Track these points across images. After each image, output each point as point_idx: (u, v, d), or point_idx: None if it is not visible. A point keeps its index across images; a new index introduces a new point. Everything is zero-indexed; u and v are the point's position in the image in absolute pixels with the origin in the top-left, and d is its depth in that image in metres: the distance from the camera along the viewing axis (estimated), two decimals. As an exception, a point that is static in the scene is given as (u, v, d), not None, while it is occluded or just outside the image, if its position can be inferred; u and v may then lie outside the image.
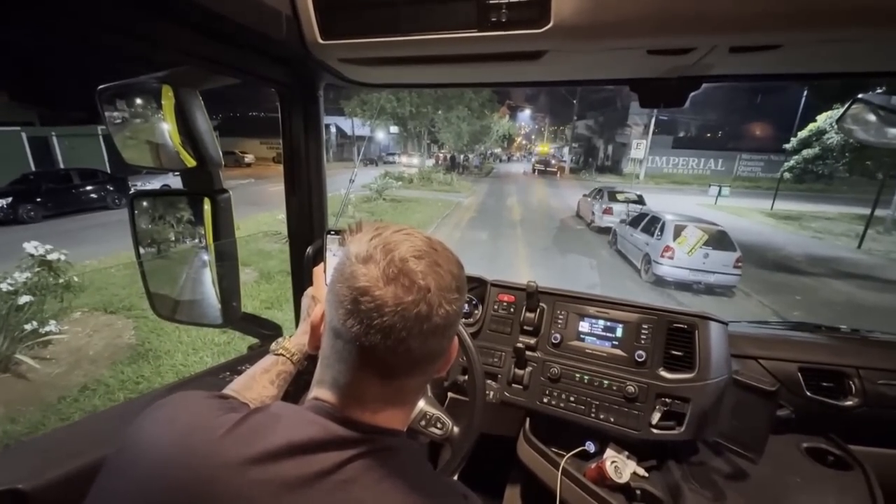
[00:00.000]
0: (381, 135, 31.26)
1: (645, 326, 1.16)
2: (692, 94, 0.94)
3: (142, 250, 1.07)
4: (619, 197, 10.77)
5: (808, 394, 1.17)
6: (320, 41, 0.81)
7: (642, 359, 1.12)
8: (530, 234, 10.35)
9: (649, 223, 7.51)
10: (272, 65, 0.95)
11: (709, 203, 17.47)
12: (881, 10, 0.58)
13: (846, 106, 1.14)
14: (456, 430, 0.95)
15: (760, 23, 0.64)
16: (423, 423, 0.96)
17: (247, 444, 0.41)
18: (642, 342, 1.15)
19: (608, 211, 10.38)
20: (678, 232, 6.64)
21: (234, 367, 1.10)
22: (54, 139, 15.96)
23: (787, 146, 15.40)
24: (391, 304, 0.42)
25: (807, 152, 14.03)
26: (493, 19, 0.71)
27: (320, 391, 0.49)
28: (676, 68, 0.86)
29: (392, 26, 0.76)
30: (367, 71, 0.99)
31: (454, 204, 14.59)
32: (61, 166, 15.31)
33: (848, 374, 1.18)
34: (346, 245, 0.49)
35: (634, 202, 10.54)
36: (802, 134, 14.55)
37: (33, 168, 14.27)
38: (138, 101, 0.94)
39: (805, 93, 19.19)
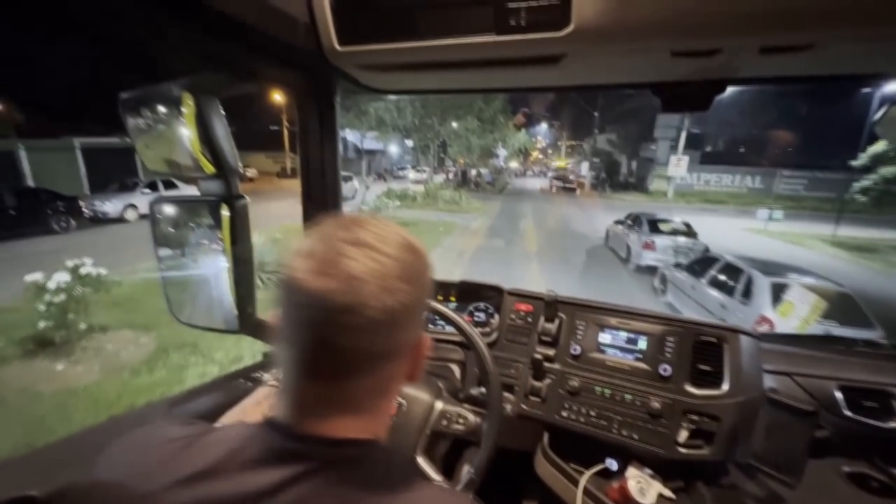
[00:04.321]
0: (393, 148, 29.77)
1: (670, 339, 1.09)
2: (718, 97, 0.90)
3: (160, 252, 1.11)
4: (663, 227, 8.48)
5: (849, 414, 1.08)
6: (338, 48, 0.81)
7: (667, 373, 1.05)
8: (549, 272, 8.16)
9: (724, 274, 5.28)
10: (290, 71, 0.97)
11: (758, 228, 15.00)
12: None
13: (885, 109, 1.08)
14: (479, 420, 0.95)
15: (792, 21, 0.61)
16: (444, 423, 0.96)
17: (187, 463, 0.41)
18: (667, 355, 1.08)
19: (649, 246, 8.14)
20: (777, 293, 4.42)
21: (249, 374, 1.11)
22: (22, 153, 14.54)
23: (856, 163, 12.98)
24: (319, 297, 0.39)
25: (888, 171, 11.59)
26: (512, 23, 0.70)
27: (277, 405, 0.46)
28: (701, 70, 0.84)
29: (409, 32, 0.76)
30: (384, 77, 1.01)
31: (459, 228, 12.58)
32: (30, 183, 13.90)
33: (892, 394, 1.08)
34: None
35: (684, 234, 8.28)
36: (877, 148, 12.13)
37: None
38: (160, 108, 0.94)
39: (879, 97, 16.62)
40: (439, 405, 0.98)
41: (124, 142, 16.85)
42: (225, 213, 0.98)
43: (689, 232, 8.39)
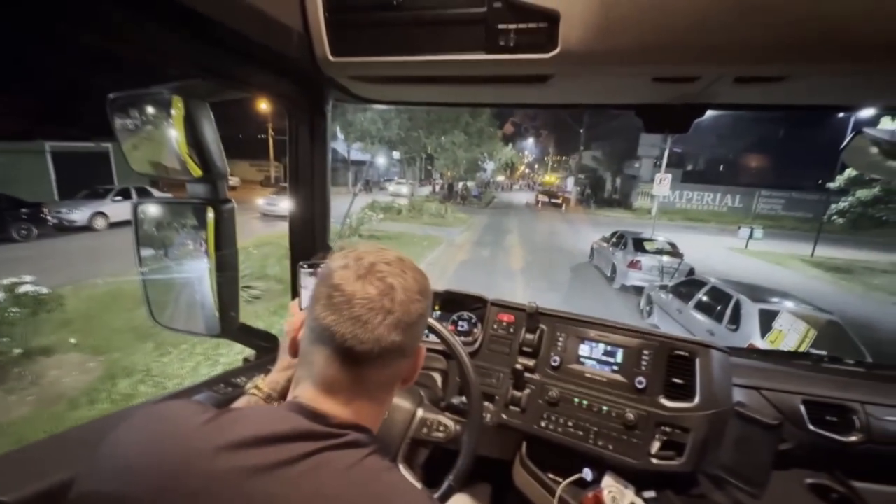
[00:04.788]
0: (381, 160, 29.56)
1: (646, 352, 1.12)
2: (698, 121, 0.95)
3: (143, 254, 1.09)
4: (648, 247, 8.40)
5: (812, 427, 1.13)
6: (330, 58, 0.82)
7: (642, 385, 1.08)
8: (533, 291, 7.97)
9: (710, 299, 5.15)
10: (282, 80, 0.97)
11: (740, 247, 15.17)
12: (881, 45, 0.60)
13: (850, 137, 1.12)
14: (459, 429, 0.95)
15: (765, 55, 0.65)
16: (424, 430, 0.96)
17: (218, 434, 0.45)
18: (643, 368, 1.11)
19: (635, 265, 8.03)
20: (766, 321, 4.28)
21: (229, 379, 1.06)
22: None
23: (833, 185, 13.26)
24: (359, 297, 0.49)
25: (863, 193, 11.85)
26: (502, 43, 0.72)
27: (296, 389, 0.53)
28: (681, 95, 0.88)
29: (402, 47, 0.78)
30: (376, 88, 1.03)
31: (444, 242, 12.36)
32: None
33: (852, 409, 1.13)
34: (328, 261, 0.56)
35: (669, 254, 8.21)
36: (852, 171, 12.41)
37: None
38: (149, 110, 0.94)
39: (853, 122, 17.19)
40: (420, 413, 0.97)
41: (100, 146, 16.34)
42: (211, 216, 0.98)
43: (674, 252, 8.32)
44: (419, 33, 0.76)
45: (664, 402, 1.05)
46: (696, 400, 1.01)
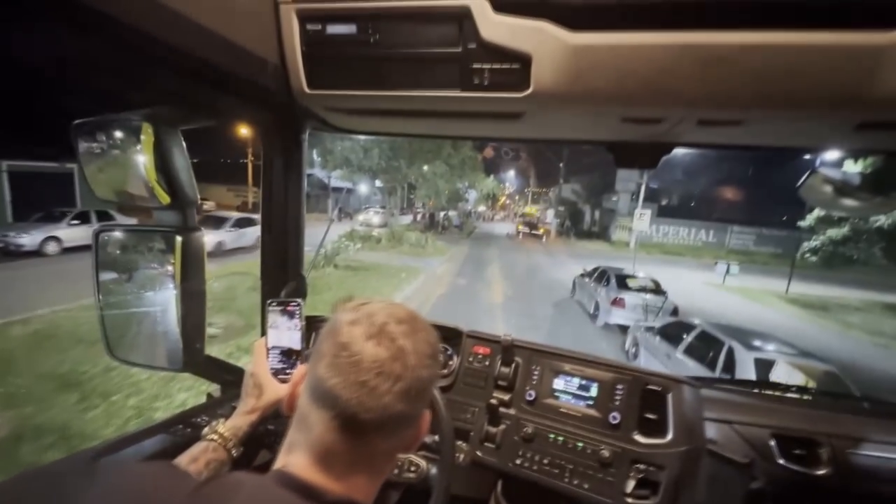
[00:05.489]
0: (364, 187, 29.28)
1: (619, 387, 1.11)
2: (669, 156, 1.02)
3: (104, 276, 1.05)
4: (632, 284, 8.19)
5: (782, 462, 1.15)
6: (307, 90, 0.82)
7: (616, 421, 1.07)
8: (515, 329, 7.56)
9: (700, 343, 4.88)
10: (256, 109, 0.97)
11: (717, 283, 15.29)
12: (824, 96, 0.67)
13: (806, 176, 1.17)
14: (432, 469, 0.94)
15: (724, 101, 0.72)
16: (395, 471, 0.94)
17: None
18: (617, 403, 1.09)
19: (618, 303, 7.78)
20: (761, 370, 4.01)
21: (189, 419, 1.02)
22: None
23: (803, 223, 13.63)
24: (369, 360, 0.45)
25: (833, 232, 12.14)
26: (476, 82, 0.74)
27: (289, 457, 0.49)
28: (648, 134, 0.93)
29: (378, 82, 0.79)
30: (352, 119, 1.04)
31: (423, 274, 11.97)
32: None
33: (820, 442, 1.15)
34: (335, 313, 0.52)
35: (653, 291, 8.01)
36: (821, 211, 12.78)
37: None
38: (116, 135, 0.93)
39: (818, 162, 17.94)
40: None
41: (64, 167, 15.52)
42: (179, 244, 0.95)
43: (658, 290, 8.14)
44: (396, 69, 0.77)
45: (638, 438, 1.04)
46: (670, 436, 1.01)
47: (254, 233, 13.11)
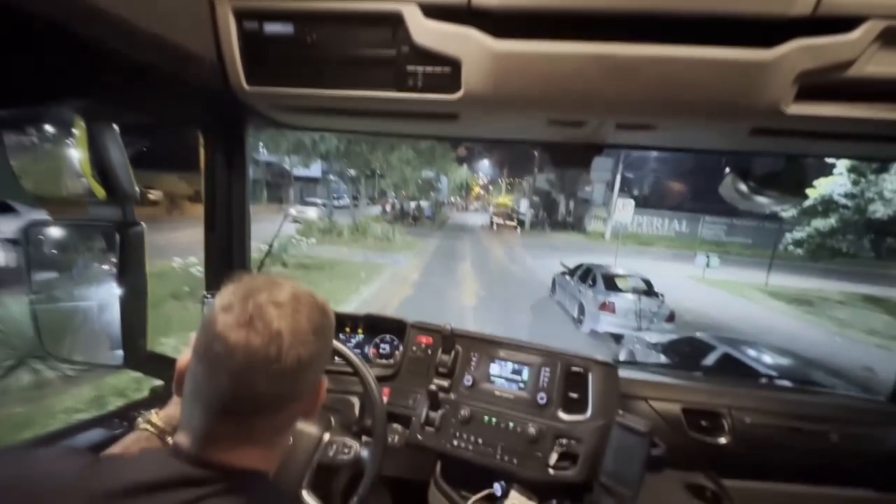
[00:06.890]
0: (331, 176, 27.32)
1: (546, 369, 1.22)
2: (596, 157, 1.08)
3: (39, 274, 1.04)
4: (621, 284, 7.09)
5: (690, 432, 1.25)
6: (246, 87, 0.83)
7: (544, 401, 1.17)
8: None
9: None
10: (195, 107, 0.99)
11: (698, 276, 14.66)
12: (724, 103, 0.74)
13: (725, 175, 1.21)
14: (364, 452, 0.96)
15: (636, 108, 0.78)
16: (331, 453, 0.96)
17: (96, 482, 0.43)
18: (544, 385, 1.20)
19: (608, 307, 6.69)
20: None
21: (128, 413, 1.02)
22: None
23: (785, 214, 13.09)
24: (241, 347, 0.45)
25: (820, 224, 11.58)
26: (410, 84, 0.78)
27: (178, 436, 0.50)
28: (575, 136, 1.00)
29: (317, 81, 0.81)
30: (294, 116, 1.04)
31: (387, 271, 10.62)
32: None
33: (721, 414, 1.26)
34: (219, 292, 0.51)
35: (645, 293, 6.97)
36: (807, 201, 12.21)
37: None
38: (46, 129, 0.90)
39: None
40: (327, 437, 0.97)
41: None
42: (117, 239, 0.95)
43: (650, 290, 7.10)
44: (333, 69, 0.79)
45: (562, 415, 1.15)
46: (589, 412, 1.13)
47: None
